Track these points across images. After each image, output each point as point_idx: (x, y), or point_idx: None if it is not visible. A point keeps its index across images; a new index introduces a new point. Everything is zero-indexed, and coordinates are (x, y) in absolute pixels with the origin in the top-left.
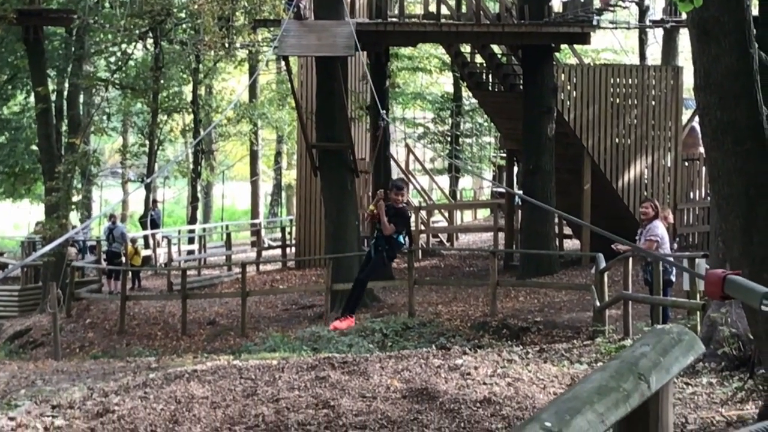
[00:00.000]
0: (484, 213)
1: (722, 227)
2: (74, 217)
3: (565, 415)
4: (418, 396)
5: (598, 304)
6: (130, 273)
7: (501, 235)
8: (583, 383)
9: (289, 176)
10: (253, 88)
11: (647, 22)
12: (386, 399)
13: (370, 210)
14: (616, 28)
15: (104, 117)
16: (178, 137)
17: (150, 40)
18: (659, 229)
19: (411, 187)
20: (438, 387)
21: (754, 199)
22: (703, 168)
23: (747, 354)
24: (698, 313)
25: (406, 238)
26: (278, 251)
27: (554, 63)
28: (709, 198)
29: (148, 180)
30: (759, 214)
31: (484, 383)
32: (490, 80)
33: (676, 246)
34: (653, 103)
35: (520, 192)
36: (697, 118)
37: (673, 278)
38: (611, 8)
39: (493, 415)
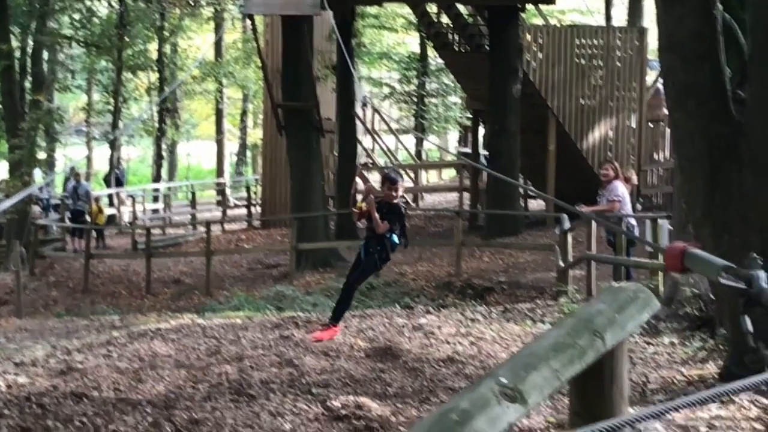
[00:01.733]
0: (449, 173)
1: (685, 188)
2: (38, 174)
3: (521, 372)
4: (381, 355)
5: (561, 264)
6: (94, 231)
7: (466, 195)
8: (539, 340)
9: (255, 135)
10: (218, 47)
11: None
12: (350, 358)
13: (358, 206)
14: None
15: (68, 74)
16: (142, 95)
17: None
18: (620, 188)
19: (378, 145)
20: (401, 346)
21: (716, 160)
22: (668, 129)
23: (708, 314)
24: (660, 273)
25: (402, 238)
26: (243, 210)
27: (520, 23)
28: (673, 159)
29: (113, 136)
30: (721, 175)
31: (448, 342)
32: (456, 40)
33: (639, 207)
34: (618, 64)
35: (485, 163)
36: (661, 80)
37: None
38: None
39: (456, 374)
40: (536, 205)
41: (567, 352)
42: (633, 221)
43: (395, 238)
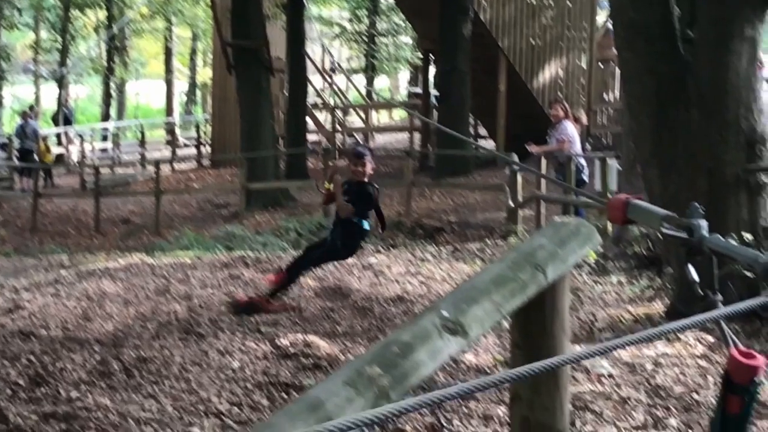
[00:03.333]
0: (400, 114)
1: (633, 128)
2: None
3: (462, 305)
4: (331, 294)
5: (511, 204)
6: (42, 171)
7: (416, 135)
8: (481, 274)
9: (204, 74)
10: None
11: None
12: (299, 297)
13: (325, 188)
14: None
15: (15, 11)
16: (90, 33)
17: None
18: (569, 128)
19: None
20: (351, 285)
21: (665, 99)
22: (618, 69)
23: (656, 253)
24: None
25: (379, 222)
26: (193, 150)
27: None
28: (622, 99)
29: (61, 74)
30: (669, 114)
31: (397, 282)
32: None
33: (589, 147)
34: (569, 3)
35: (435, 103)
36: (611, 19)
37: (586, 179)
38: None
39: (405, 313)
40: (486, 145)
41: (508, 285)
42: (582, 161)
43: (365, 224)
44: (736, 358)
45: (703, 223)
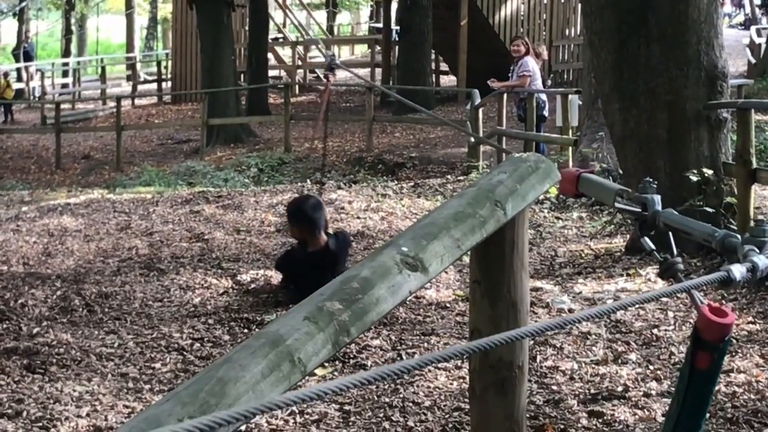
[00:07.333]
0: (361, 49)
1: (594, 63)
2: None
3: (422, 241)
4: None
5: (472, 139)
6: (2, 106)
7: (378, 70)
8: (440, 210)
9: (165, 9)
10: None
11: None
12: (260, 233)
13: None
14: None
15: None
16: None
17: None
18: (530, 64)
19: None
20: None
21: (625, 35)
22: (579, 5)
23: None
24: (570, 148)
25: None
26: (154, 85)
27: None
28: (583, 35)
29: (20, 8)
30: (629, 50)
31: (358, 217)
32: None
33: (550, 83)
34: None
35: (396, 38)
36: None
37: (547, 114)
38: None
39: (366, 249)
40: (447, 80)
41: (467, 221)
42: (543, 97)
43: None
44: (707, 317)
45: (656, 198)
